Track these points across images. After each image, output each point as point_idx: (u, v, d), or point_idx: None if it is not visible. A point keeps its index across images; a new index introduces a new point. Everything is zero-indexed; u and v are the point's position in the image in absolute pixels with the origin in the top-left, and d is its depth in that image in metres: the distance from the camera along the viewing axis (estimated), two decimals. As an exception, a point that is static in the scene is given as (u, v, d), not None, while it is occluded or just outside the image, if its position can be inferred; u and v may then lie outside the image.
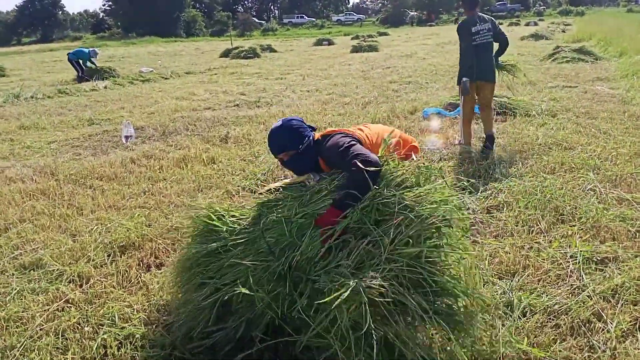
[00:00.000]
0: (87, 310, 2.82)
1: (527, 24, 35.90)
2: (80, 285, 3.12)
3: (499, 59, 5.63)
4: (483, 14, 5.39)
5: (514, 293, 2.73)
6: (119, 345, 2.51)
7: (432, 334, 2.16)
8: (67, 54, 15.34)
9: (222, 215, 2.53)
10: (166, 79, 14.42)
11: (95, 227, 3.91)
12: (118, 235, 3.70)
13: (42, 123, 8.30)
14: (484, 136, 5.63)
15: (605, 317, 2.53)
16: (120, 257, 3.44)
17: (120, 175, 5.25)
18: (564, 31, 26.87)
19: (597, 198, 4.00)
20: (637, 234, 3.42)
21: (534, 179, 4.47)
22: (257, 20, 62.17)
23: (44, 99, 11.17)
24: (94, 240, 3.66)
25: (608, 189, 4.16)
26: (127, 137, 6.86)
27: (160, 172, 5.32)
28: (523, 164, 4.90)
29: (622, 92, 8.39)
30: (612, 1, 76.48)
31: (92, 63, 15.16)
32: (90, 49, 15.45)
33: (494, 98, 5.76)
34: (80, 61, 14.89)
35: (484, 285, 2.88)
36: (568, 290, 2.79)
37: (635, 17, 35.54)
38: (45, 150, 6.61)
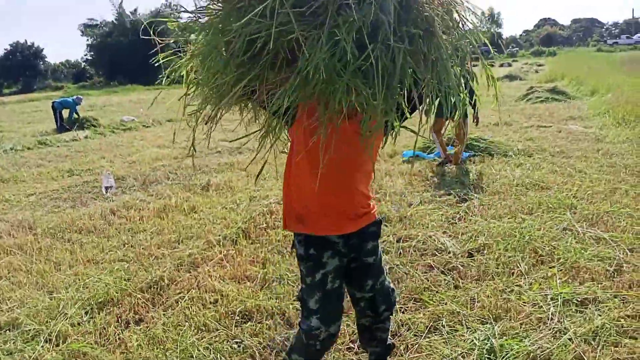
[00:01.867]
0: (63, 371, 2.74)
1: (502, 65, 36.94)
2: (57, 345, 3.04)
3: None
4: None
5: (496, 339, 2.72)
6: (96, 408, 2.44)
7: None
8: (53, 102, 15.35)
9: None
10: (147, 127, 14.45)
11: (73, 283, 3.84)
12: (96, 291, 3.63)
13: (21, 175, 8.23)
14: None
15: (587, 360, 2.53)
16: (99, 313, 3.37)
17: (99, 228, 5.20)
18: (537, 71, 27.73)
19: (574, 238, 4.06)
20: (615, 273, 3.46)
21: (513, 220, 4.53)
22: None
23: (23, 150, 11.10)
24: (72, 297, 3.59)
25: (585, 228, 4.22)
26: (107, 188, 6.82)
27: (140, 223, 5.28)
28: (502, 205, 4.97)
29: (595, 130, 8.63)
30: (582, 41, 79.35)
31: (76, 113, 15.15)
32: (75, 97, 15.48)
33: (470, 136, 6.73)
34: (66, 111, 14.90)
35: (467, 331, 2.88)
36: (550, 333, 2.79)
37: (604, 56, 36.88)
38: (24, 203, 6.53)
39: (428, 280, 3.56)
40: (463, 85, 1.87)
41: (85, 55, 57.55)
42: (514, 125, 9.81)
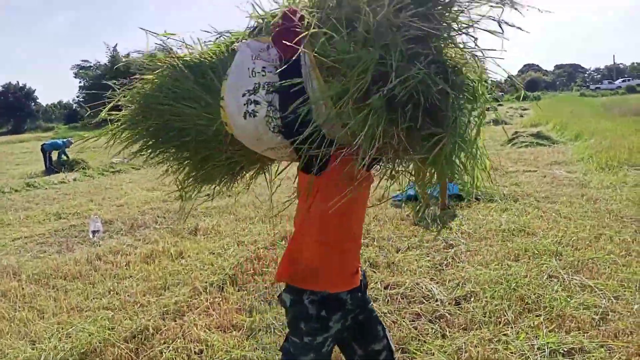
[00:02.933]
0: None
1: (487, 109, 37.56)
2: (37, 399, 2.98)
3: None
4: None
5: (483, 391, 2.70)
6: None
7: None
8: (42, 145, 15.41)
9: None
10: (137, 169, 14.43)
11: (56, 333, 3.77)
12: (79, 340, 3.58)
13: (7, 219, 8.16)
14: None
15: (574, 413, 2.52)
16: (81, 365, 3.31)
17: (85, 274, 5.14)
18: (521, 116, 28.18)
19: (560, 285, 4.08)
20: (601, 321, 3.48)
21: (499, 267, 4.55)
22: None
23: (11, 192, 11.03)
24: (54, 347, 3.53)
25: (571, 275, 4.25)
26: (94, 232, 6.77)
27: (126, 268, 5.23)
28: (488, 251, 5.00)
29: (579, 175, 8.77)
30: (566, 86, 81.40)
31: (66, 155, 15.18)
32: (64, 140, 15.55)
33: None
34: (56, 153, 14.93)
35: None
36: (537, 385, 2.78)
37: (587, 101, 37.79)
38: (9, 247, 6.46)
39: (416, 329, 3.55)
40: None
41: (77, 97, 57.85)
42: (499, 169, 9.94)
